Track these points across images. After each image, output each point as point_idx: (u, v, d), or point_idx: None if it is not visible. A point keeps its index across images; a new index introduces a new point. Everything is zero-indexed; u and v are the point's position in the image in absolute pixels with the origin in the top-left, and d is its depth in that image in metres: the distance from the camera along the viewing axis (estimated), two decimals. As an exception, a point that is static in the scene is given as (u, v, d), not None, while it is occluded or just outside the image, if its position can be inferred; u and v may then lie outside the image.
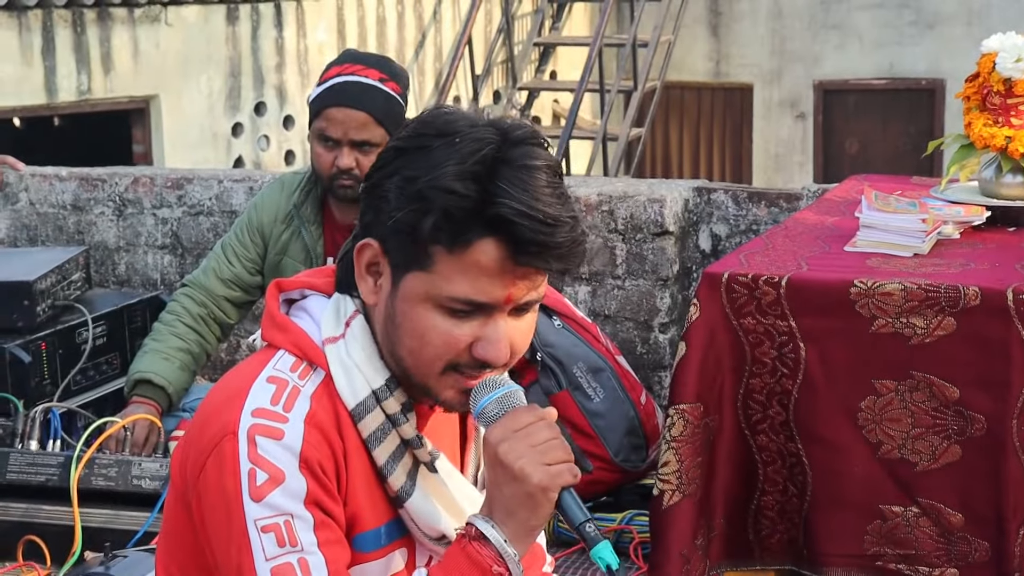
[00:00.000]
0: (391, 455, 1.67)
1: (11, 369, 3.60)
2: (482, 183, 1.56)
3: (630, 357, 3.94)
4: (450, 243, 1.58)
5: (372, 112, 3.35)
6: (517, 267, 1.58)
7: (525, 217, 1.55)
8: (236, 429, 1.60)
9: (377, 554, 1.69)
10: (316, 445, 1.61)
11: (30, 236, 4.74)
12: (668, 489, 2.52)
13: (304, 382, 1.65)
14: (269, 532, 1.58)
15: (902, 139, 12.09)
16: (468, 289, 1.59)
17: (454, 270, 1.59)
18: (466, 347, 1.62)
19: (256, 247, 3.64)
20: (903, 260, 2.67)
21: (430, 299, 1.60)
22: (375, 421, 1.66)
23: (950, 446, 2.49)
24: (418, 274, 1.61)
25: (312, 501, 1.60)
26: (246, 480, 1.59)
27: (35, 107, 8.70)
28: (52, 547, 3.19)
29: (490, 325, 1.61)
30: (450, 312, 1.60)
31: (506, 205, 1.55)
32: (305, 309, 1.73)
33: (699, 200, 4.07)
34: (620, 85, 10.47)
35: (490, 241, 1.57)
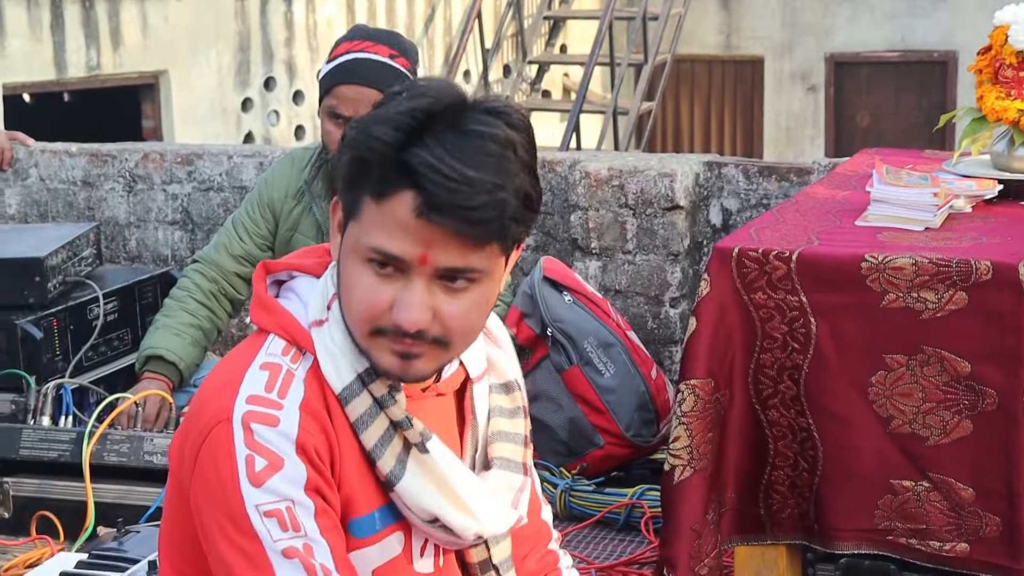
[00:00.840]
0: (379, 439, 1.64)
1: (23, 345, 3.61)
2: (406, 133, 1.53)
3: (641, 332, 3.94)
4: (372, 191, 1.55)
5: (382, 90, 3.34)
6: (431, 224, 1.53)
7: (433, 170, 1.52)
8: (230, 416, 1.59)
9: (373, 539, 1.68)
10: (312, 432, 1.59)
11: (40, 212, 4.75)
12: (679, 464, 2.52)
13: (296, 366, 1.64)
14: (272, 517, 1.57)
15: (914, 112, 12.04)
16: (383, 239, 1.55)
17: (375, 220, 1.56)
18: (386, 308, 1.58)
19: (267, 223, 3.64)
20: (914, 234, 2.66)
21: (357, 251, 1.58)
22: (362, 404, 1.63)
23: (961, 421, 2.48)
24: (352, 225, 1.59)
25: (312, 488, 1.58)
26: (243, 466, 1.57)
27: (44, 83, 8.70)
28: (65, 522, 3.20)
29: (407, 288, 1.57)
30: (372, 267, 1.57)
31: (418, 155, 1.52)
32: (293, 290, 1.72)
33: (710, 174, 4.06)
34: (630, 59, 10.43)
35: (407, 193, 1.53)
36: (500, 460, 1.77)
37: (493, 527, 1.74)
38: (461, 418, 1.78)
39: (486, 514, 1.72)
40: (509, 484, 1.76)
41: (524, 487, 1.79)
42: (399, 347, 1.60)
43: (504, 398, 1.80)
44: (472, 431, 1.78)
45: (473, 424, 1.78)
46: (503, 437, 1.78)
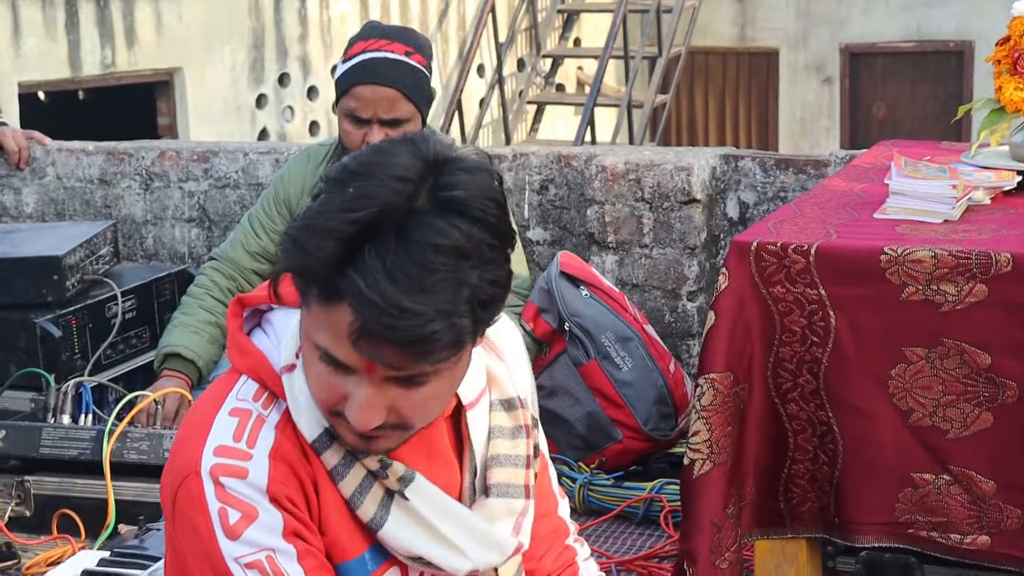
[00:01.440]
0: (358, 487, 1.59)
1: (42, 344, 3.62)
2: (349, 249, 1.42)
3: (658, 326, 3.93)
4: (315, 295, 1.46)
5: (400, 88, 3.34)
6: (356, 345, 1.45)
7: (365, 300, 1.41)
8: (198, 469, 1.55)
9: None
10: (283, 480, 1.55)
11: (58, 211, 4.76)
12: (699, 458, 2.52)
13: (268, 411, 1.59)
14: (253, 568, 1.54)
15: (930, 102, 12.00)
16: (329, 343, 1.47)
17: (320, 320, 1.47)
18: (336, 400, 1.52)
19: (283, 219, 3.65)
20: (933, 227, 2.65)
21: (309, 341, 1.51)
22: (335, 455, 1.58)
23: (981, 413, 2.48)
24: (304, 311, 1.51)
25: (290, 532, 1.55)
26: (217, 520, 1.54)
27: (60, 81, 8.73)
28: (86, 520, 3.21)
29: (358, 388, 1.49)
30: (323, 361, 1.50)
31: (353, 281, 1.41)
32: (271, 323, 1.66)
33: (726, 168, 4.05)
34: (645, 51, 10.42)
35: (347, 309, 1.43)
36: (498, 487, 1.70)
37: (487, 561, 1.68)
38: (459, 440, 1.72)
39: (477, 551, 1.67)
40: (509, 509, 1.71)
41: (526, 511, 1.73)
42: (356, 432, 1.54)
43: (505, 416, 1.73)
44: (470, 457, 1.72)
45: (470, 449, 1.71)
46: (502, 461, 1.72)
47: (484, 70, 11.13)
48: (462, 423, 1.70)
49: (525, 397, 1.78)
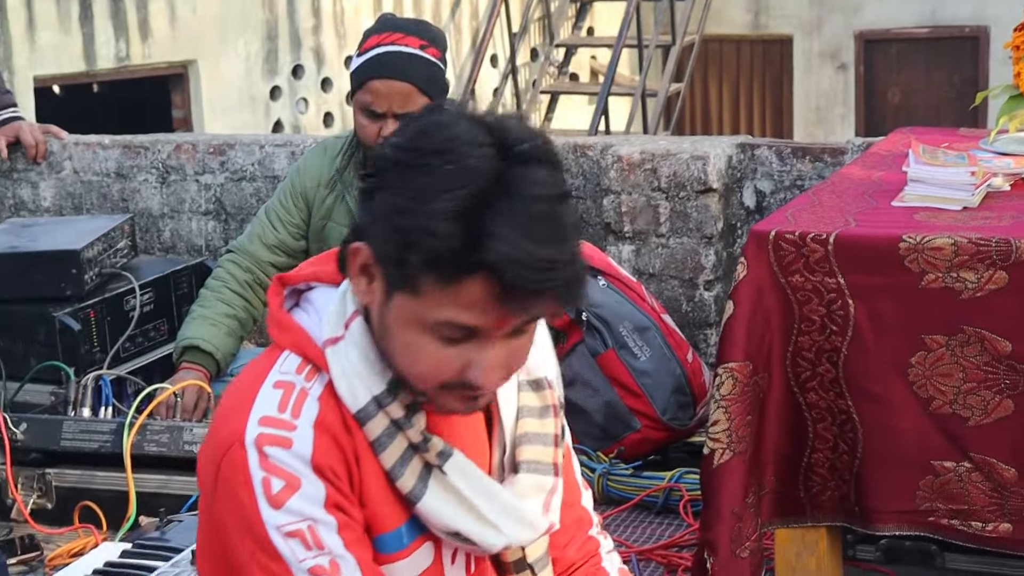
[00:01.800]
0: (399, 459, 1.62)
1: (61, 337, 3.64)
2: (472, 223, 1.46)
3: (675, 315, 3.93)
4: (438, 278, 1.49)
5: (415, 82, 3.34)
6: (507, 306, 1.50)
7: (516, 263, 1.45)
8: (243, 439, 1.57)
9: (401, 554, 1.66)
10: (326, 451, 1.57)
11: (75, 204, 4.77)
12: (718, 448, 2.52)
13: (311, 384, 1.61)
14: (294, 537, 1.56)
15: (945, 88, 11.96)
16: (457, 315, 1.51)
17: (442, 299, 1.50)
18: (458, 370, 1.55)
19: (300, 212, 3.65)
20: (952, 214, 2.64)
21: (418, 323, 1.53)
22: (379, 426, 1.61)
23: (1002, 400, 2.47)
24: (406, 297, 1.53)
25: (332, 504, 1.57)
26: (260, 489, 1.56)
27: (74, 74, 8.74)
28: (107, 512, 3.23)
29: (483, 351, 1.54)
30: (440, 337, 1.53)
31: (495, 250, 1.45)
32: (311, 302, 1.68)
33: (743, 156, 4.05)
34: (658, 40, 10.40)
35: (479, 280, 1.47)
36: (528, 463, 1.73)
37: (519, 538, 1.71)
38: (489, 418, 1.76)
39: (511, 526, 1.69)
40: (539, 486, 1.74)
41: (555, 488, 1.76)
42: (469, 392, 1.58)
43: (533, 396, 1.77)
44: (500, 434, 1.75)
45: (500, 428, 1.75)
46: (531, 439, 1.75)
47: (497, 60, 11.12)
48: (493, 401, 1.73)
49: (552, 379, 1.81)
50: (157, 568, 2.59)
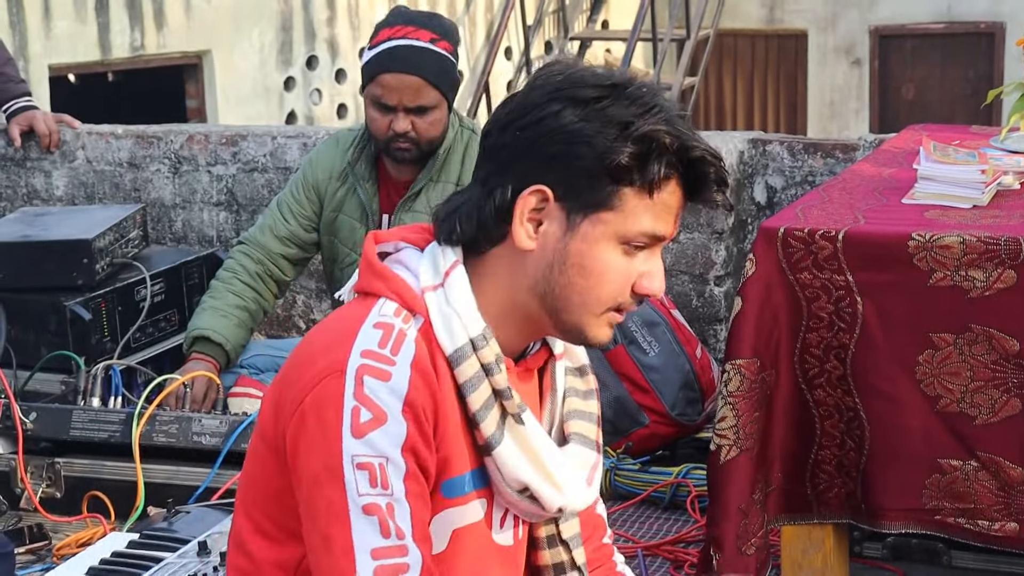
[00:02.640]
0: (484, 403, 1.69)
1: (72, 327, 3.65)
2: (671, 128, 1.67)
3: (685, 311, 3.93)
4: (642, 183, 1.67)
5: (426, 76, 3.34)
6: (691, 203, 1.72)
7: (713, 157, 1.69)
8: (344, 368, 1.63)
9: (462, 500, 1.72)
10: (420, 389, 1.64)
11: (87, 194, 4.79)
12: (725, 444, 2.52)
13: (408, 326, 1.68)
14: (364, 470, 1.60)
15: (960, 84, 11.92)
16: (656, 225, 1.69)
17: (643, 208, 1.68)
18: (635, 281, 1.72)
19: (312, 204, 3.64)
20: (962, 212, 2.64)
21: (616, 237, 1.69)
22: (471, 368, 1.69)
23: (1010, 399, 2.47)
24: (601, 214, 1.68)
25: (409, 448, 1.62)
26: (349, 416, 1.61)
27: (89, 63, 8.76)
28: (116, 502, 3.24)
29: (652, 259, 1.72)
30: (626, 250, 1.70)
31: (698, 149, 1.67)
32: (400, 261, 1.77)
33: (754, 152, 4.04)
34: (673, 34, 10.38)
35: (674, 180, 1.69)
36: (577, 436, 1.82)
37: (575, 501, 1.80)
38: (539, 395, 1.84)
39: (571, 488, 1.78)
40: (584, 460, 1.82)
41: (597, 464, 1.85)
42: (620, 318, 1.74)
43: (578, 380, 1.87)
44: (550, 407, 1.83)
45: (552, 400, 1.83)
46: (578, 415, 1.84)
47: (512, 53, 11.11)
48: (547, 375, 1.83)
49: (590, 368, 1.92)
50: (164, 559, 2.59)
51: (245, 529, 1.76)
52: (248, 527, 1.76)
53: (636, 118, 1.67)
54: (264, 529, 1.74)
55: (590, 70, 1.73)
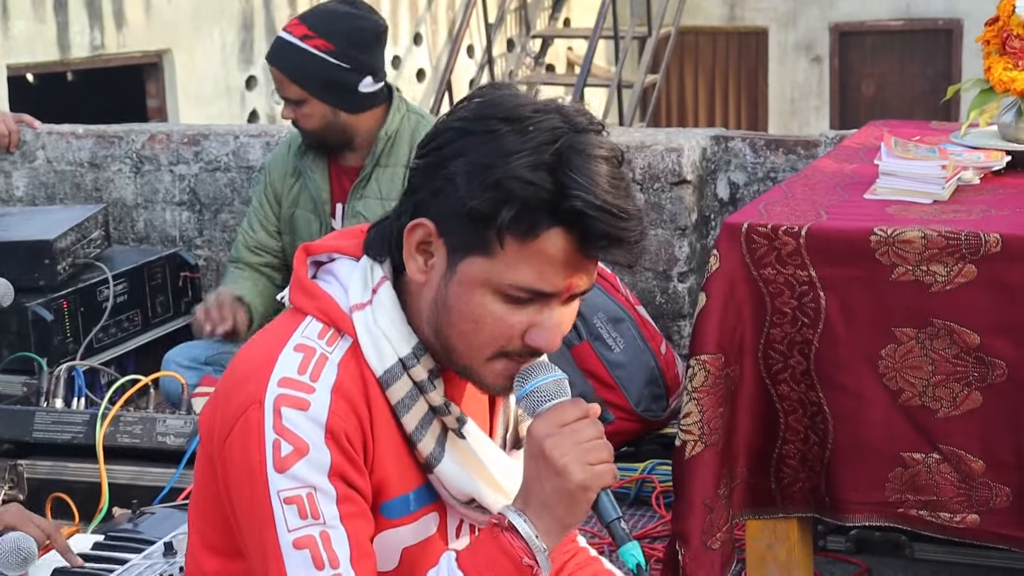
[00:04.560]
0: (420, 421, 1.67)
1: (34, 328, 3.63)
2: (556, 175, 1.56)
3: (650, 307, 3.94)
4: (522, 233, 1.57)
5: (284, 71, 3.49)
6: (583, 259, 1.60)
7: (598, 210, 1.56)
8: (262, 399, 1.60)
9: (405, 520, 1.70)
10: (343, 415, 1.61)
11: (48, 194, 4.75)
12: (690, 440, 2.53)
13: (332, 349, 1.65)
14: (292, 504, 1.58)
15: (919, 81, 12.00)
16: (532, 278, 1.59)
17: (520, 258, 1.59)
18: (519, 334, 1.63)
19: (272, 208, 3.71)
20: (923, 207, 2.66)
21: (490, 285, 1.60)
22: (403, 388, 1.65)
23: (971, 393, 2.49)
24: (479, 259, 1.60)
25: (336, 474, 1.60)
26: (270, 451, 1.59)
27: (48, 63, 8.69)
28: (80, 504, 3.22)
29: (545, 313, 1.62)
30: (507, 299, 1.61)
31: (580, 198, 1.55)
32: (333, 273, 1.73)
33: (717, 148, 4.06)
34: (634, 31, 10.40)
35: (559, 232, 1.58)
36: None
37: None
38: (492, 399, 1.81)
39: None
40: None
41: None
42: (515, 367, 1.65)
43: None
44: (503, 411, 1.82)
45: (504, 404, 1.81)
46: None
47: (474, 51, 11.10)
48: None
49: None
50: (129, 560, 2.58)
51: (196, 544, 1.76)
52: (197, 542, 1.76)
53: (502, 159, 1.57)
54: (212, 543, 1.73)
55: (516, 98, 1.63)
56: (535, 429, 1.63)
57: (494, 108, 1.61)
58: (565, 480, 1.60)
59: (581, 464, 1.60)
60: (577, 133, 1.59)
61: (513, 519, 1.61)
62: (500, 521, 1.62)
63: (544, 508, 1.61)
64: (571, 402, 1.65)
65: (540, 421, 1.63)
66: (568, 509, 1.61)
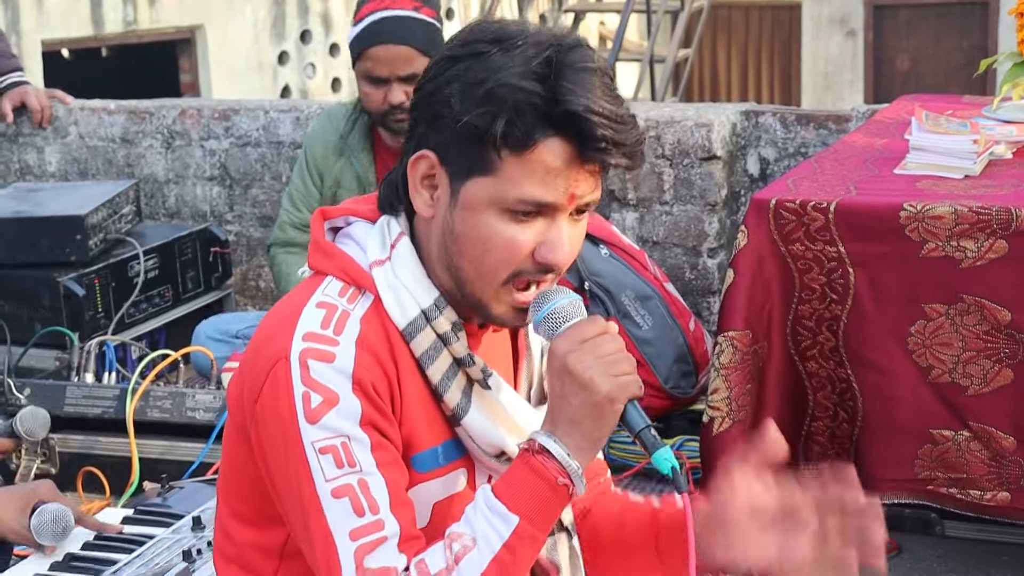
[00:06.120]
0: (445, 373, 1.67)
1: (65, 303, 3.65)
2: (547, 83, 1.57)
3: (679, 283, 3.93)
4: (518, 143, 1.58)
5: (414, 44, 3.35)
6: (583, 164, 1.59)
7: (593, 113, 1.56)
8: (288, 354, 1.61)
9: (435, 473, 1.70)
10: (368, 367, 1.61)
11: (80, 170, 4.77)
12: (718, 416, 2.53)
13: (353, 306, 1.66)
14: (327, 454, 1.59)
15: (955, 54, 11.90)
16: (535, 190, 1.59)
17: (520, 171, 1.59)
18: (529, 253, 1.63)
19: (316, 187, 3.64)
20: (954, 182, 2.64)
21: (494, 204, 1.61)
22: (426, 340, 1.66)
23: (1001, 369, 2.47)
24: (481, 179, 1.61)
25: (367, 422, 1.60)
26: (300, 403, 1.59)
27: (82, 39, 8.73)
28: (111, 478, 3.24)
29: (553, 228, 1.62)
30: (513, 216, 1.61)
31: (574, 103, 1.56)
32: (350, 235, 1.74)
33: (747, 124, 4.03)
34: (667, 5, 10.34)
35: (556, 139, 1.58)
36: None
37: None
38: (515, 354, 1.81)
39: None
40: None
41: None
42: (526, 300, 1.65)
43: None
44: (527, 366, 1.81)
45: (528, 359, 1.81)
46: None
47: (506, 25, 11.07)
48: (520, 334, 1.80)
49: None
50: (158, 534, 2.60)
51: (225, 515, 1.77)
52: (227, 513, 1.76)
53: (492, 73, 1.58)
54: (241, 514, 1.74)
55: (504, 23, 1.65)
56: (556, 347, 1.62)
57: (481, 33, 1.63)
58: (592, 393, 1.59)
59: (606, 376, 1.60)
60: (567, 49, 1.60)
61: (543, 441, 1.61)
62: (531, 446, 1.62)
63: (573, 425, 1.61)
64: (589, 320, 1.65)
65: (561, 339, 1.62)
66: (596, 422, 1.61)
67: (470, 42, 1.63)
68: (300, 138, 4.39)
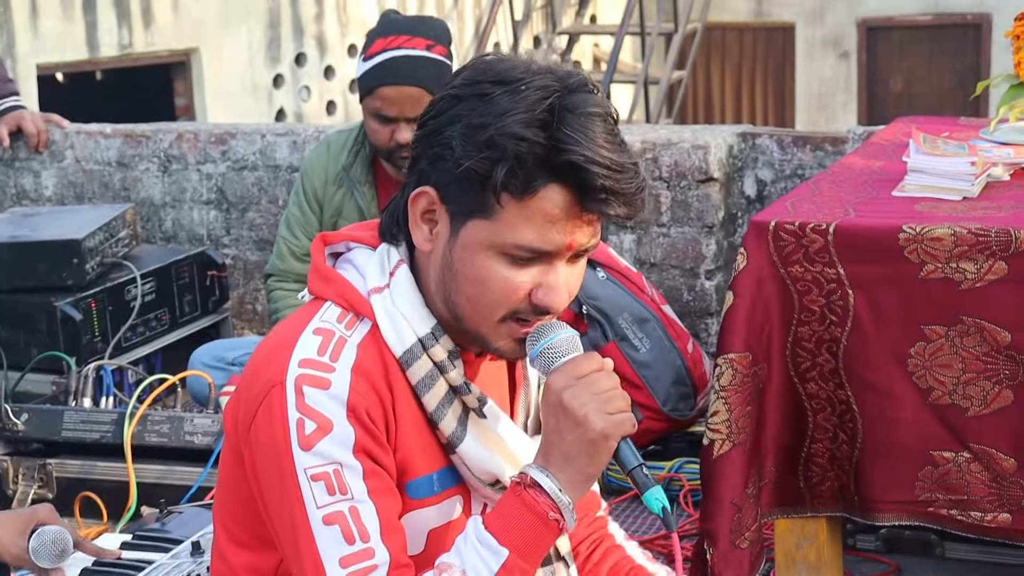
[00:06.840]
0: (440, 401, 1.68)
1: (62, 327, 3.65)
2: (550, 130, 1.58)
3: (676, 305, 3.93)
4: (518, 190, 1.59)
5: (425, 86, 3.30)
6: (582, 213, 1.60)
7: (594, 163, 1.57)
8: (284, 379, 1.62)
9: (431, 500, 1.71)
10: (363, 394, 1.62)
11: (76, 194, 4.77)
12: (718, 438, 2.52)
13: (351, 332, 1.66)
14: (319, 481, 1.60)
15: (948, 76, 11.93)
16: (533, 236, 1.60)
17: (519, 217, 1.60)
18: (525, 294, 1.64)
19: (315, 215, 3.60)
20: (952, 204, 2.64)
21: (492, 246, 1.62)
22: (423, 368, 1.67)
23: (1001, 391, 2.47)
24: (480, 222, 1.62)
25: (360, 449, 1.61)
26: (295, 430, 1.60)
27: (77, 62, 8.73)
28: (108, 503, 3.23)
29: (551, 272, 1.63)
30: (511, 259, 1.62)
31: (575, 152, 1.57)
32: (350, 261, 1.74)
33: (743, 145, 4.04)
34: (661, 27, 10.38)
35: (556, 188, 1.59)
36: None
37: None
38: (512, 383, 1.82)
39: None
40: None
41: None
42: (526, 332, 1.66)
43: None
44: (524, 395, 1.82)
45: (525, 388, 1.82)
46: None
47: (500, 48, 11.10)
48: (517, 366, 1.82)
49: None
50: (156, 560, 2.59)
51: (221, 538, 1.78)
52: (223, 535, 1.77)
53: (495, 119, 1.59)
54: (236, 537, 1.75)
55: (508, 62, 1.65)
56: (552, 382, 1.63)
57: (486, 73, 1.64)
58: (586, 430, 1.60)
59: (601, 413, 1.61)
60: (570, 92, 1.60)
61: (535, 475, 1.62)
62: (522, 479, 1.63)
63: (566, 460, 1.62)
64: (585, 356, 1.66)
65: (557, 375, 1.64)
66: (590, 459, 1.62)
67: (475, 82, 1.63)
68: (297, 162, 4.39)
